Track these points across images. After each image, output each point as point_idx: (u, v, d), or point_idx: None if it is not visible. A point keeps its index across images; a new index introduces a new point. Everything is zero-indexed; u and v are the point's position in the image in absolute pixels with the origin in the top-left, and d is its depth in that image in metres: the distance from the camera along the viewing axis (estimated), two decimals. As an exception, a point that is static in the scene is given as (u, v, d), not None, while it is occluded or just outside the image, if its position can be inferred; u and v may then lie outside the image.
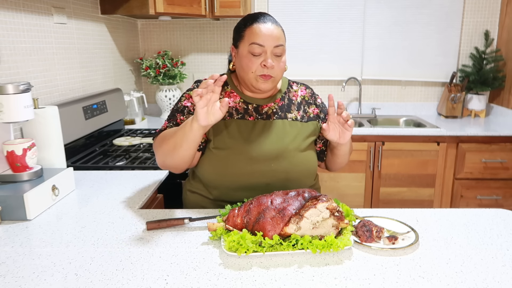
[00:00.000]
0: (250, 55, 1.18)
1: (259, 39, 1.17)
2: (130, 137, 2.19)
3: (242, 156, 1.20)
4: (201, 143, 1.25)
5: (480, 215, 1.14)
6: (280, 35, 1.20)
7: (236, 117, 1.25)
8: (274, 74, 1.20)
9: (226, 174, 1.21)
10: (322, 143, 1.36)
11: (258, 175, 1.20)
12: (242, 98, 1.28)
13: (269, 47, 1.17)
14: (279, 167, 1.21)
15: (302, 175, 1.25)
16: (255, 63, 1.18)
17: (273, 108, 1.28)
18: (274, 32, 1.18)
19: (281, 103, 1.30)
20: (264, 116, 1.27)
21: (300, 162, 1.24)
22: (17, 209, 1.11)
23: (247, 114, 1.26)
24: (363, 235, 0.98)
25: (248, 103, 1.27)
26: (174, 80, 2.76)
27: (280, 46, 1.19)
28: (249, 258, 0.90)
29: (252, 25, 1.19)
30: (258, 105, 1.28)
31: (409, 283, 0.81)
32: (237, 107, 1.27)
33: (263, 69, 1.18)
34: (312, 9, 2.90)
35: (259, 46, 1.17)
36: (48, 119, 1.40)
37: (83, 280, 0.83)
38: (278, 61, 1.20)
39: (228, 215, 1.01)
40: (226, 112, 1.06)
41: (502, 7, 2.83)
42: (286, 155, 1.22)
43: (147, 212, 1.17)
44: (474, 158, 2.47)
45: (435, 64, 2.94)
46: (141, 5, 2.20)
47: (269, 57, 1.18)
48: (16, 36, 1.57)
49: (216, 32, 2.96)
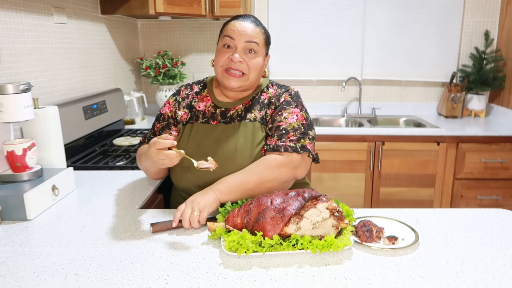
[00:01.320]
0: (222, 48, 1.20)
1: (232, 33, 1.19)
2: (130, 137, 2.19)
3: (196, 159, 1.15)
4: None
5: (480, 215, 1.14)
6: (256, 34, 1.19)
7: (200, 121, 1.27)
8: (245, 70, 1.19)
9: (185, 177, 1.24)
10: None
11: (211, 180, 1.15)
12: (213, 102, 1.29)
13: (240, 42, 1.18)
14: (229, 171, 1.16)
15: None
16: (224, 56, 1.19)
17: (239, 111, 1.27)
18: (249, 28, 1.19)
19: (248, 104, 1.27)
20: (227, 120, 1.26)
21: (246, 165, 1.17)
22: (17, 209, 1.11)
23: (212, 118, 1.27)
24: (363, 235, 0.98)
25: (217, 107, 1.28)
26: (174, 80, 2.76)
27: (253, 43, 1.18)
28: (249, 258, 0.90)
29: (231, 21, 1.22)
30: (226, 108, 1.27)
31: (409, 283, 0.81)
32: (206, 111, 1.28)
33: (230, 62, 1.18)
34: (312, 9, 2.90)
35: (230, 39, 1.18)
36: (48, 119, 1.40)
37: (83, 280, 0.83)
38: (250, 58, 1.19)
39: (228, 215, 1.01)
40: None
41: (502, 7, 2.83)
42: (236, 157, 1.18)
43: (147, 212, 1.17)
44: (474, 158, 2.47)
45: (435, 64, 2.94)
46: (141, 5, 2.20)
47: (239, 52, 1.18)
48: (16, 36, 1.57)
49: (216, 32, 2.96)
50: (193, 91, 1.33)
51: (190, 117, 1.28)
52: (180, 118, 1.29)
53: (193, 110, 1.29)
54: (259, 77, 1.26)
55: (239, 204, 1.09)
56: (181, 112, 1.29)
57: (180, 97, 1.31)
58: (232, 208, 1.07)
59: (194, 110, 1.29)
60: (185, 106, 1.30)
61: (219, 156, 1.18)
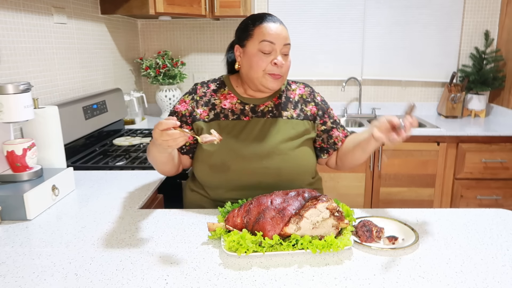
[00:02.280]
0: (260, 53, 1.19)
1: (270, 37, 1.18)
2: (130, 137, 2.19)
3: (233, 155, 1.21)
4: (185, 147, 1.28)
5: (480, 215, 1.14)
6: (288, 35, 1.22)
7: (231, 118, 1.26)
8: (283, 73, 1.21)
9: (218, 173, 1.22)
10: (321, 140, 1.35)
11: (250, 173, 1.20)
12: (239, 99, 1.28)
13: (279, 45, 1.19)
14: (270, 165, 1.21)
15: (295, 173, 1.24)
16: (265, 61, 1.19)
17: (269, 107, 1.28)
18: (283, 31, 1.21)
19: (278, 101, 1.30)
20: (259, 115, 1.27)
21: (292, 159, 1.23)
22: (17, 209, 1.11)
23: (242, 114, 1.27)
24: (363, 235, 0.98)
25: (245, 104, 1.28)
26: (174, 80, 2.76)
27: (288, 45, 1.21)
28: (249, 258, 0.90)
29: (262, 23, 1.20)
30: (255, 105, 1.28)
31: (409, 283, 0.81)
32: (233, 108, 1.27)
33: (273, 67, 1.19)
34: (312, 9, 2.90)
35: (270, 44, 1.18)
36: (48, 119, 1.40)
37: (83, 280, 0.83)
38: (286, 60, 1.22)
39: (228, 215, 1.01)
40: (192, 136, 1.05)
41: (502, 7, 2.83)
42: (278, 152, 1.22)
43: (147, 212, 1.17)
44: (474, 158, 2.47)
45: (435, 64, 2.94)
46: (141, 5, 2.20)
47: (279, 55, 1.19)
48: (16, 36, 1.57)
49: (216, 32, 2.96)
50: (210, 89, 1.31)
51: (215, 114, 1.27)
52: (200, 116, 1.27)
53: (216, 107, 1.27)
54: None
55: (239, 204, 1.09)
56: (200, 110, 1.27)
57: (197, 96, 1.30)
58: (232, 208, 1.07)
59: (219, 107, 1.27)
60: (204, 104, 1.28)
61: (263, 150, 1.21)
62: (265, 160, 1.21)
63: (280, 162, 1.22)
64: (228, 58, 1.36)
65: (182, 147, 1.28)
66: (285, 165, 1.22)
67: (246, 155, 1.21)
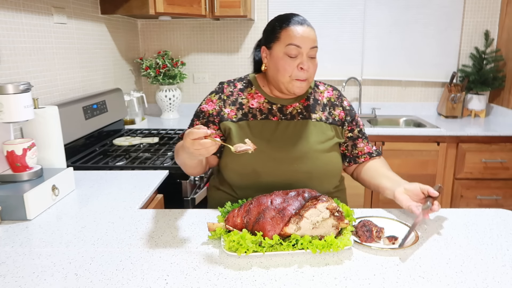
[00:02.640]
0: (286, 57, 1.18)
1: (296, 40, 1.17)
2: (130, 137, 2.19)
3: (264, 157, 1.20)
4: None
5: (480, 215, 1.14)
6: (315, 37, 1.20)
7: (260, 118, 1.25)
8: (309, 76, 1.20)
9: (249, 175, 1.21)
10: (346, 147, 1.35)
11: (280, 175, 1.20)
12: (267, 99, 1.27)
13: (306, 49, 1.17)
14: (302, 168, 1.21)
15: (325, 176, 1.25)
16: (292, 65, 1.18)
17: (297, 108, 1.27)
18: (311, 34, 1.19)
19: (306, 103, 1.29)
20: (288, 117, 1.26)
21: (324, 163, 1.23)
22: (17, 209, 1.11)
23: (270, 114, 1.26)
24: (363, 235, 0.98)
25: (273, 103, 1.27)
26: (174, 80, 2.76)
27: (315, 48, 1.19)
28: (249, 258, 0.90)
29: (288, 26, 1.19)
30: (282, 105, 1.27)
31: (409, 283, 0.81)
32: (261, 107, 1.26)
33: (299, 72, 1.18)
34: (312, 9, 2.90)
35: (296, 48, 1.17)
36: (48, 119, 1.40)
37: (83, 280, 0.83)
38: (313, 63, 1.20)
39: (228, 215, 1.01)
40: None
41: (502, 7, 2.83)
42: (309, 155, 1.21)
43: (147, 212, 1.17)
44: (474, 158, 2.47)
45: (435, 64, 2.94)
46: (141, 5, 2.20)
47: (305, 59, 1.17)
48: (16, 36, 1.57)
49: (216, 32, 2.96)
50: (237, 88, 1.30)
51: (244, 114, 1.26)
52: (228, 115, 1.26)
53: (243, 107, 1.26)
54: None
55: (239, 204, 1.09)
56: (227, 109, 1.26)
57: (224, 95, 1.29)
58: (232, 208, 1.07)
59: (246, 107, 1.27)
60: (231, 103, 1.27)
61: (294, 152, 1.21)
62: (296, 163, 1.21)
63: (311, 166, 1.22)
64: (255, 56, 1.35)
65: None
66: (316, 169, 1.22)
67: (277, 157, 1.20)
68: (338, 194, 1.34)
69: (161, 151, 1.89)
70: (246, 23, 2.93)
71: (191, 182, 1.69)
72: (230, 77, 3.04)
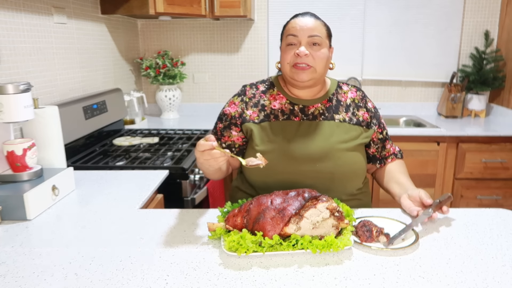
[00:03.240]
0: (286, 47, 1.21)
1: (293, 30, 1.19)
2: (130, 137, 2.19)
3: (286, 157, 1.20)
4: (234, 149, 1.30)
5: (480, 215, 1.14)
6: (317, 27, 1.20)
7: (281, 118, 1.26)
8: (311, 63, 1.19)
9: (271, 175, 1.22)
10: (376, 149, 1.35)
11: (302, 175, 1.20)
12: (288, 99, 1.28)
13: (303, 37, 1.18)
14: (324, 168, 1.21)
15: (347, 177, 1.24)
16: (289, 53, 1.20)
17: (319, 109, 1.27)
18: (310, 23, 1.19)
19: (329, 104, 1.28)
20: (310, 117, 1.26)
21: (346, 163, 1.23)
22: (17, 209, 1.11)
23: (292, 115, 1.26)
24: (363, 235, 0.98)
25: (294, 104, 1.27)
26: (174, 80, 2.76)
27: (316, 36, 1.18)
28: (249, 258, 0.90)
29: (290, 20, 1.23)
30: (304, 105, 1.27)
31: (409, 283, 0.81)
32: (283, 108, 1.27)
33: (296, 58, 1.19)
34: (312, 9, 2.85)
35: (293, 37, 1.19)
36: (48, 119, 1.40)
37: (83, 280, 0.83)
38: (315, 50, 1.19)
39: (228, 215, 1.01)
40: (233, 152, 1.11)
41: (502, 7, 2.83)
42: (331, 156, 1.21)
43: (147, 212, 1.17)
44: (474, 158, 2.47)
45: (435, 64, 2.94)
46: (141, 5, 2.20)
47: (303, 45, 1.18)
48: (16, 36, 1.57)
49: (216, 32, 2.96)
50: (259, 90, 1.31)
51: (266, 115, 1.26)
52: (250, 117, 1.27)
53: (265, 108, 1.27)
54: (326, 69, 1.25)
55: (239, 204, 1.09)
56: (249, 111, 1.27)
57: (246, 97, 1.30)
58: (232, 208, 1.07)
59: (268, 108, 1.27)
60: (253, 105, 1.28)
61: (316, 153, 1.21)
62: (318, 163, 1.21)
63: (333, 166, 1.21)
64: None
65: (232, 149, 1.29)
66: (338, 170, 1.22)
67: (299, 157, 1.20)
68: (361, 197, 1.33)
69: (161, 151, 1.89)
70: (246, 23, 2.93)
71: (191, 182, 1.69)
72: (230, 77, 3.06)
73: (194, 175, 1.74)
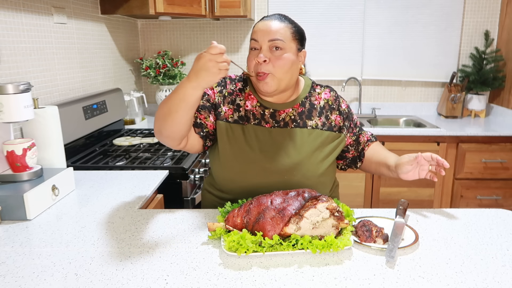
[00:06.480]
0: (250, 52, 1.16)
1: (254, 34, 1.14)
2: (130, 137, 2.19)
3: (255, 167, 1.17)
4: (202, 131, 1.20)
5: (480, 215, 1.14)
6: (279, 30, 1.12)
7: (253, 122, 1.20)
8: (271, 70, 1.11)
9: (237, 182, 1.19)
10: (354, 150, 1.34)
11: (270, 186, 1.16)
12: (259, 102, 1.22)
13: (264, 42, 1.12)
14: (291, 180, 1.17)
15: (314, 188, 1.19)
16: (252, 61, 1.14)
17: (290, 115, 1.21)
18: (272, 26, 1.12)
19: (301, 109, 1.23)
20: (281, 124, 1.20)
21: (314, 175, 1.19)
22: (17, 209, 1.11)
23: (263, 120, 1.21)
24: (363, 235, 0.98)
25: (265, 108, 1.21)
26: (174, 80, 2.76)
27: (277, 40, 1.11)
28: (249, 258, 0.90)
29: (256, 23, 1.18)
30: (275, 110, 1.21)
31: (409, 283, 0.81)
32: (254, 111, 1.21)
33: (257, 66, 1.13)
34: (312, 9, 2.90)
35: (255, 42, 1.14)
36: (48, 119, 1.40)
37: (83, 280, 0.83)
38: (277, 55, 1.11)
39: (228, 215, 1.01)
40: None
41: (502, 7, 2.83)
42: (300, 168, 1.17)
43: (147, 212, 1.17)
44: (474, 158, 2.47)
45: (435, 64, 2.94)
46: (141, 5, 2.20)
47: (264, 50, 1.12)
48: (16, 36, 1.57)
49: (216, 32, 2.96)
50: (237, 88, 1.24)
51: (240, 117, 1.21)
52: (224, 114, 1.21)
53: (240, 109, 1.21)
54: (294, 75, 1.17)
55: (239, 204, 1.09)
56: (225, 107, 1.21)
57: (226, 91, 1.23)
58: (232, 208, 1.07)
59: (242, 109, 1.21)
60: (230, 102, 1.22)
61: (286, 165, 1.17)
62: (287, 175, 1.17)
63: (301, 179, 1.18)
64: None
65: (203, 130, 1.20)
66: (306, 182, 1.18)
67: (268, 168, 1.17)
68: None
69: (161, 151, 1.89)
70: (246, 23, 2.93)
71: (191, 182, 1.69)
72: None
73: (194, 175, 1.74)
